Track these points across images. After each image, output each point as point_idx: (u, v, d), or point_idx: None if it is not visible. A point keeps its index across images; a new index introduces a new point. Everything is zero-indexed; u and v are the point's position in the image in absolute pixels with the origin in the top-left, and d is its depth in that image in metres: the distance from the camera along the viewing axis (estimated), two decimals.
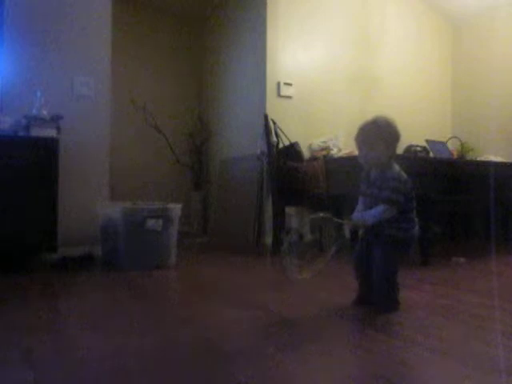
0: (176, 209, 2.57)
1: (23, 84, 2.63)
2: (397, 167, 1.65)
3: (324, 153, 3.50)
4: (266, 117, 3.26)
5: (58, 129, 2.53)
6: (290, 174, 3.17)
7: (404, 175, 1.63)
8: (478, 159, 3.69)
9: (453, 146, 3.97)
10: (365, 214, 1.67)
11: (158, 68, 4.50)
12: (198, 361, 1.20)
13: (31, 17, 2.71)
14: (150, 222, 2.45)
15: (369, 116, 4.29)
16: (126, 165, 4.13)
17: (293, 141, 3.37)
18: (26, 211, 2.33)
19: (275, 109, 3.55)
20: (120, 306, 1.77)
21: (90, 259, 2.56)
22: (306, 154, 3.57)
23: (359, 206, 1.75)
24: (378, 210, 1.61)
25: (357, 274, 1.76)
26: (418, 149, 3.64)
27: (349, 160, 3.23)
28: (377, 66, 4.20)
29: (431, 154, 3.58)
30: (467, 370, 1.14)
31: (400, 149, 3.32)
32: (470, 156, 4.02)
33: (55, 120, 2.51)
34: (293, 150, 3.32)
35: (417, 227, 1.68)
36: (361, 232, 1.80)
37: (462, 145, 3.97)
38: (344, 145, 3.71)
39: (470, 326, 1.50)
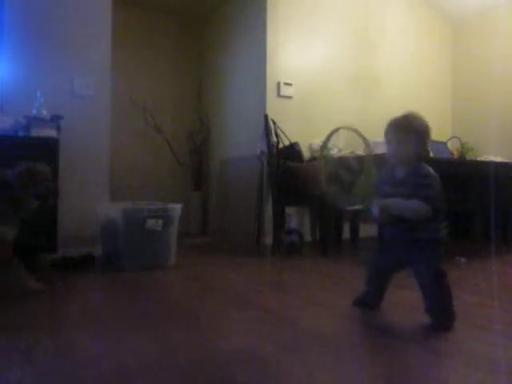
0: (176, 209, 2.57)
1: (23, 84, 2.63)
2: (425, 164, 1.55)
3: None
4: (266, 117, 3.26)
5: (58, 129, 2.53)
6: (290, 173, 3.17)
7: (434, 172, 1.54)
8: (478, 159, 3.69)
9: (453, 146, 3.97)
10: (400, 202, 1.50)
11: (158, 68, 4.50)
12: (197, 361, 1.20)
13: (31, 17, 2.71)
14: (150, 222, 2.44)
15: (369, 116, 4.31)
16: (126, 165, 4.13)
17: (293, 141, 3.37)
18: None
19: (275, 109, 3.55)
20: (120, 306, 1.76)
21: (89, 259, 2.56)
22: (306, 154, 3.57)
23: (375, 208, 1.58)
24: (416, 205, 1.47)
25: (372, 279, 1.66)
26: None
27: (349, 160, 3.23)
28: (377, 66, 4.20)
29: (431, 154, 3.57)
30: (467, 370, 1.14)
31: None
32: (470, 156, 4.01)
33: (55, 120, 2.51)
34: (293, 150, 3.32)
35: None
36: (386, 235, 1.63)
37: (462, 145, 3.97)
38: (344, 145, 3.71)
39: (470, 326, 1.50)
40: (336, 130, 3.02)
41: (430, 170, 1.54)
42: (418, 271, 1.53)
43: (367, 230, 3.53)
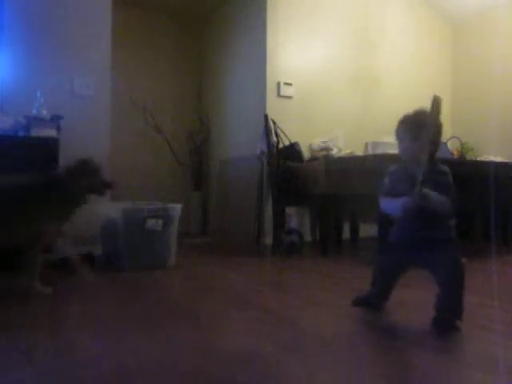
0: (176, 209, 2.57)
1: (23, 84, 2.62)
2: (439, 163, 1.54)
3: (324, 153, 3.50)
4: (266, 117, 3.26)
5: (58, 129, 2.52)
6: (290, 174, 3.17)
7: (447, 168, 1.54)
8: (478, 159, 3.69)
9: (453, 146, 3.97)
10: (435, 194, 1.44)
11: (158, 68, 4.50)
12: (197, 361, 1.20)
13: (31, 17, 2.71)
14: (150, 222, 2.44)
15: (368, 116, 4.29)
16: (126, 165, 4.12)
17: (293, 141, 3.37)
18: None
19: (275, 109, 3.55)
20: (120, 306, 1.76)
21: (89, 259, 2.56)
22: (306, 154, 3.57)
23: (389, 206, 1.56)
24: (445, 200, 1.45)
25: (377, 281, 1.63)
26: None
27: (349, 160, 3.23)
28: (377, 66, 4.20)
29: None
30: (468, 370, 1.14)
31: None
32: (469, 156, 4.01)
33: (55, 120, 2.50)
34: (293, 150, 3.32)
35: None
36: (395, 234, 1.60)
37: (462, 145, 3.97)
38: (344, 145, 3.71)
39: (471, 325, 1.50)
40: None
41: (446, 167, 1.53)
42: (436, 270, 1.49)
43: (367, 230, 3.53)
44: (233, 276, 2.38)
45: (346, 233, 3.52)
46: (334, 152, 3.52)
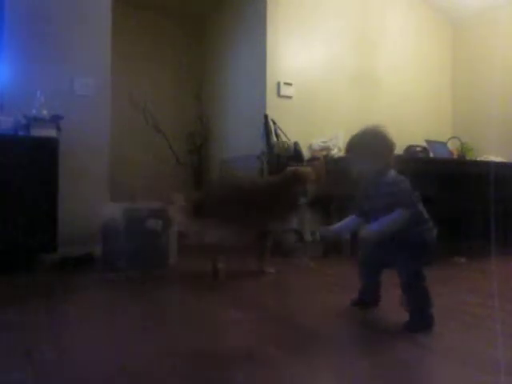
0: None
1: (23, 84, 2.63)
2: (391, 172, 1.53)
3: (324, 153, 3.50)
4: (265, 117, 3.26)
5: (58, 129, 2.52)
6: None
7: (399, 176, 1.52)
8: (478, 159, 3.69)
9: (453, 146, 3.97)
10: (372, 226, 1.52)
11: (157, 68, 4.50)
12: (197, 361, 1.20)
13: (31, 17, 2.71)
14: (150, 222, 2.44)
15: (369, 116, 4.28)
16: (126, 165, 4.12)
17: (293, 141, 3.37)
18: (26, 211, 2.33)
19: (275, 109, 3.55)
20: (120, 306, 1.76)
21: (89, 259, 2.56)
22: (306, 154, 3.57)
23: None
24: (384, 221, 1.48)
25: (363, 275, 1.69)
26: (418, 149, 3.64)
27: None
28: (377, 66, 4.20)
29: (431, 154, 3.57)
30: (467, 370, 1.14)
31: (400, 149, 3.33)
32: (469, 156, 4.01)
33: (55, 120, 2.51)
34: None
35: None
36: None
37: (462, 145, 3.97)
38: (344, 145, 3.71)
39: (470, 326, 1.50)
40: None
41: (393, 176, 1.52)
42: (398, 272, 1.52)
43: None
44: (233, 276, 2.38)
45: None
46: (334, 152, 3.52)
